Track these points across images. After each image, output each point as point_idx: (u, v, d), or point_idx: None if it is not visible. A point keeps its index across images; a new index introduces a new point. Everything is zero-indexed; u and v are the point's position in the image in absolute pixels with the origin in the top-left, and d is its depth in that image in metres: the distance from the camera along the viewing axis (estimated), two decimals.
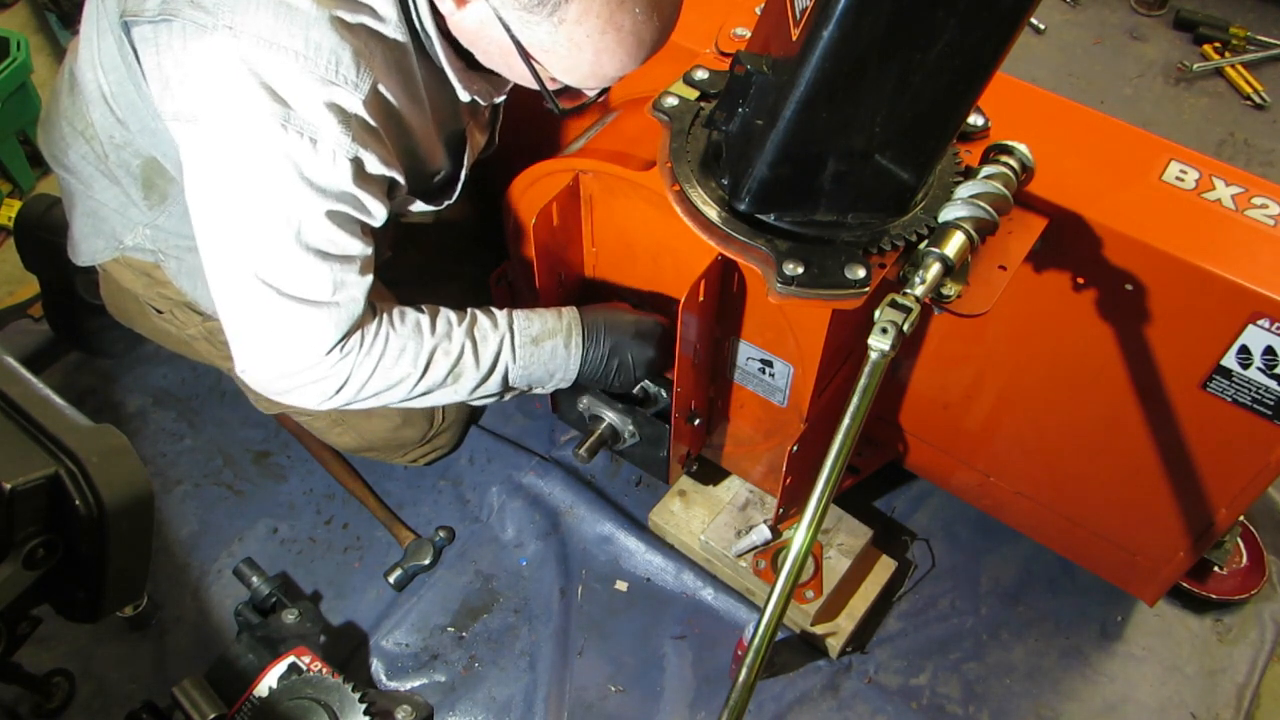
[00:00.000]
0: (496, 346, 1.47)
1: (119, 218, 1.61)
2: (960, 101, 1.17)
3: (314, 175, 1.26)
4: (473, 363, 1.45)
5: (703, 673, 1.77)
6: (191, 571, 1.88)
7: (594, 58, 1.22)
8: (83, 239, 1.67)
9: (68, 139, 1.57)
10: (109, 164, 1.54)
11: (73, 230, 1.69)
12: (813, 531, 1.14)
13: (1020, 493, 1.77)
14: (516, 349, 1.48)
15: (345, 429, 1.85)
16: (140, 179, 1.54)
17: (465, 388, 1.47)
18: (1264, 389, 1.34)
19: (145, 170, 1.52)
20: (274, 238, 1.28)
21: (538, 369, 1.51)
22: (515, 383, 1.51)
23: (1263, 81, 2.91)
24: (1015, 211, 1.35)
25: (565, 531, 1.93)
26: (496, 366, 1.47)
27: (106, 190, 1.58)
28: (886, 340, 1.16)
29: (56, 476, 1.09)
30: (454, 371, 1.44)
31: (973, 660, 1.81)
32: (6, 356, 1.21)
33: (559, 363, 1.52)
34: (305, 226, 1.28)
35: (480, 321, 1.47)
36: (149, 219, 1.59)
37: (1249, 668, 1.80)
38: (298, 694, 1.54)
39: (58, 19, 2.66)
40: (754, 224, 1.29)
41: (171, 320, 1.75)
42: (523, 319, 1.50)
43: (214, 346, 1.76)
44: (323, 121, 1.23)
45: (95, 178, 1.58)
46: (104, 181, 1.58)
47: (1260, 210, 1.34)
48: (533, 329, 1.49)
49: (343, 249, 1.32)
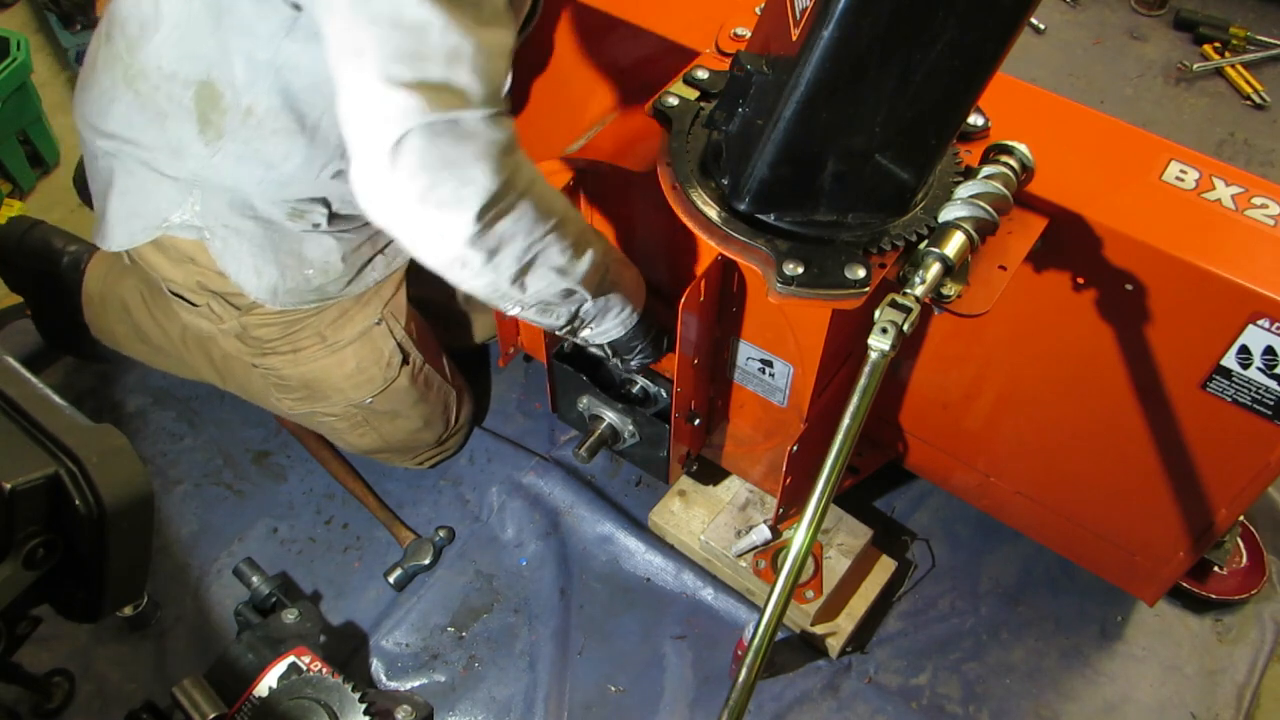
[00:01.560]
0: (603, 245, 1.38)
1: (162, 186, 1.51)
2: (960, 101, 1.17)
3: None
4: (585, 248, 1.34)
5: (703, 673, 1.77)
6: (191, 571, 1.88)
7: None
8: (119, 222, 1.57)
9: (109, 94, 1.49)
10: (159, 102, 1.44)
11: (108, 213, 1.59)
12: (813, 531, 1.14)
13: (1020, 493, 1.77)
14: (612, 260, 1.40)
15: (367, 431, 1.84)
16: (195, 112, 1.44)
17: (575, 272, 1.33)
18: (1264, 389, 1.34)
19: (198, 100, 1.43)
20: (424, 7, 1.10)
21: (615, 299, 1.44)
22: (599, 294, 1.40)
23: (1263, 81, 2.91)
24: (1015, 211, 1.35)
25: (565, 531, 1.93)
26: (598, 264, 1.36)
27: (158, 138, 1.47)
28: (886, 340, 1.16)
29: (56, 476, 1.09)
30: (576, 244, 1.31)
31: (973, 660, 1.81)
32: (6, 356, 1.21)
33: (634, 294, 1.46)
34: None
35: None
36: (201, 164, 1.47)
37: (1249, 668, 1.80)
38: (298, 694, 1.54)
39: (58, 19, 2.66)
40: (754, 224, 1.29)
41: (208, 314, 1.67)
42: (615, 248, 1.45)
43: (245, 344, 1.71)
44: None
45: (144, 128, 1.48)
46: (154, 130, 1.47)
47: (1260, 210, 1.34)
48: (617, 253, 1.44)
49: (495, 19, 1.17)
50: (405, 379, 1.79)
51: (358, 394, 1.76)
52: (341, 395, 1.76)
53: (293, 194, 1.52)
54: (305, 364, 1.71)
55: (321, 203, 1.54)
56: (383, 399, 1.78)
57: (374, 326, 1.73)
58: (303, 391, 1.77)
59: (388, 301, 1.74)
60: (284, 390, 1.79)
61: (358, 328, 1.71)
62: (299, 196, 1.52)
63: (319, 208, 1.54)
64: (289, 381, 1.76)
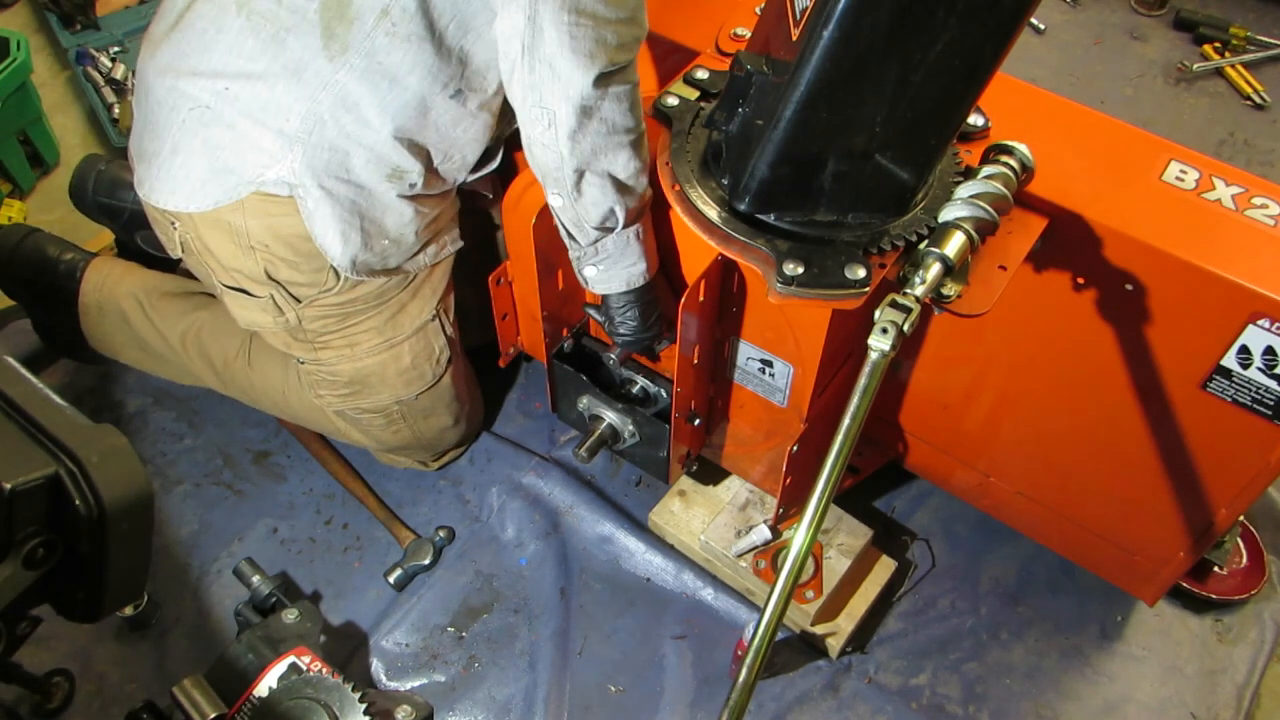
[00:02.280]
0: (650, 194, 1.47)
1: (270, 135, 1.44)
2: (960, 101, 1.17)
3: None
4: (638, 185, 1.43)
5: (703, 673, 1.77)
6: (191, 571, 1.88)
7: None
8: (206, 180, 1.49)
9: (213, 29, 1.44)
10: (280, 18, 1.40)
11: (191, 172, 1.49)
12: (813, 531, 1.14)
13: (1020, 493, 1.77)
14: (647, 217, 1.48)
15: (403, 426, 1.83)
16: (320, 24, 1.40)
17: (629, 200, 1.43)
18: (1264, 389, 1.34)
19: (324, 10, 1.39)
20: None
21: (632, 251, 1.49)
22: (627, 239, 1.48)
23: (1263, 81, 2.91)
24: (1015, 211, 1.35)
25: (565, 531, 1.93)
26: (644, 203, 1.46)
27: (273, 62, 1.42)
28: (886, 340, 1.16)
29: (56, 476, 1.09)
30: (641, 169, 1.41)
31: (973, 660, 1.81)
32: (6, 356, 1.22)
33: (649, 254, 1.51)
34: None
35: None
36: (326, 75, 1.41)
37: (1249, 668, 1.80)
38: (298, 694, 1.54)
39: (58, 19, 2.65)
40: (754, 224, 1.29)
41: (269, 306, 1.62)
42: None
43: (295, 339, 1.67)
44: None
45: (257, 56, 1.42)
46: (269, 53, 1.41)
47: (1260, 210, 1.35)
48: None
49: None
50: (450, 377, 1.80)
51: (408, 390, 1.76)
52: (391, 391, 1.75)
53: (402, 137, 1.47)
54: (361, 358, 1.70)
55: (423, 157, 1.50)
56: (427, 395, 1.79)
57: (429, 322, 1.72)
58: (352, 386, 1.75)
59: (441, 297, 1.73)
60: (329, 385, 1.76)
61: (415, 323, 1.70)
62: (407, 138, 1.48)
63: (417, 166, 1.50)
64: (340, 376, 1.73)
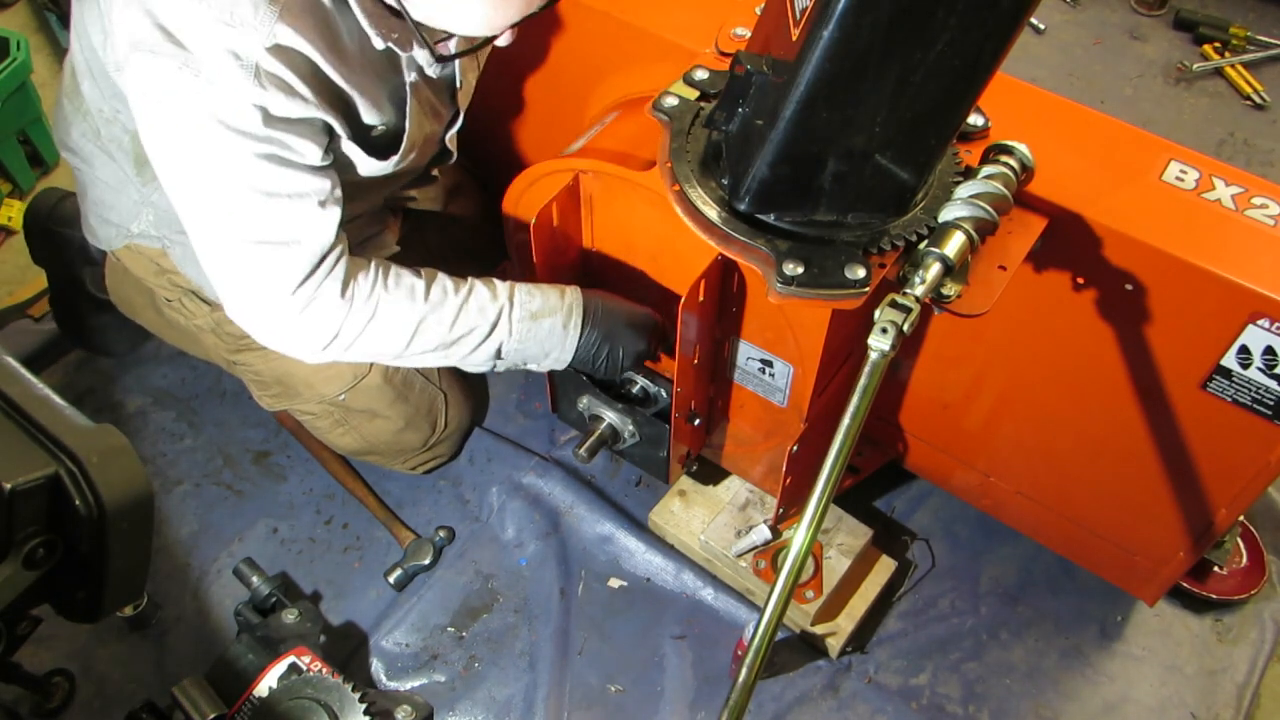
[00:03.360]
0: (494, 317, 1.46)
1: (121, 199, 1.61)
2: (960, 101, 1.17)
3: (227, 118, 1.26)
4: (466, 332, 1.45)
5: (703, 673, 1.77)
6: (191, 571, 1.88)
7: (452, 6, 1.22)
8: (98, 225, 1.68)
9: (70, 118, 1.58)
10: (103, 140, 1.55)
11: (86, 218, 1.71)
12: (813, 531, 1.14)
13: (1020, 493, 1.77)
14: (515, 323, 1.47)
15: (347, 430, 1.85)
16: (132, 154, 1.54)
17: (459, 353, 1.47)
18: (1264, 389, 1.34)
19: (135, 145, 1.52)
20: (215, 181, 1.30)
21: (533, 346, 1.50)
22: (509, 356, 1.50)
23: (1263, 81, 2.91)
24: (1015, 211, 1.35)
25: (565, 531, 1.93)
26: (492, 337, 1.47)
27: (105, 167, 1.59)
28: (886, 340, 1.16)
29: (56, 476, 1.09)
30: (446, 339, 1.45)
31: (973, 660, 1.81)
32: (6, 356, 1.21)
33: (555, 341, 1.50)
34: (238, 168, 1.29)
35: (478, 292, 1.46)
36: (144, 196, 1.59)
37: (1249, 668, 1.80)
38: (298, 694, 1.54)
39: (58, 19, 2.66)
40: (754, 224, 1.29)
41: (181, 310, 1.75)
42: (524, 293, 1.48)
43: (220, 340, 1.76)
44: (221, 65, 1.23)
45: (95, 155, 1.59)
46: (102, 158, 1.58)
47: (1260, 210, 1.34)
48: (534, 304, 1.48)
49: (288, 188, 1.32)
50: (378, 376, 1.78)
51: (328, 389, 1.77)
52: (313, 390, 1.77)
53: None
54: (275, 359, 1.73)
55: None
56: (355, 396, 1.78)
57: None
58: (277, 388, 1.80)
59: None
60: (261, 386, 1.82)
61: None
62: None
63: None
64: (263, 377, 1.79)
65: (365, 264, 1.42)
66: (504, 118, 1.96)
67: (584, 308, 1.51)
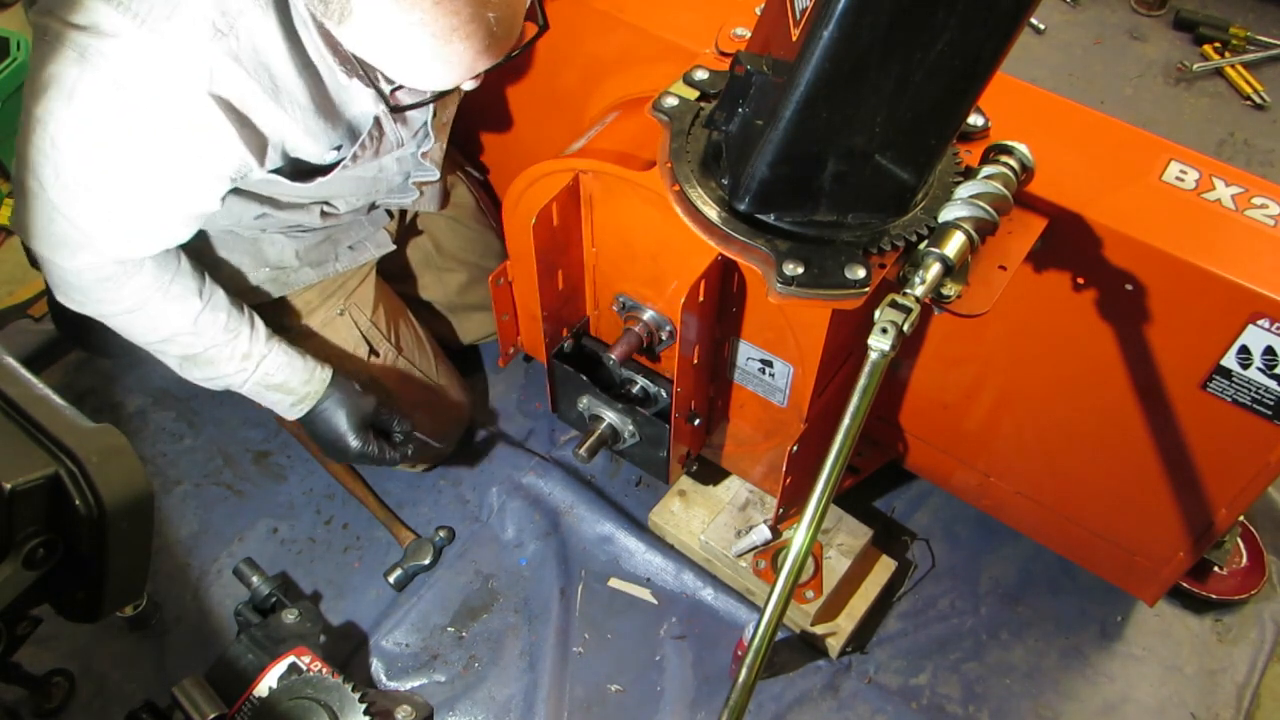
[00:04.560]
0: (234, 369, 1.60)
1: None
2: (960, 101, 1.17)
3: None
4: (206, 364, 1.61)
5: (703, 673, 1.77)
6: (191, 571, 1.88)
7: (399, 66, 1.22)
8: None
9: None
10: None
11: None
12: (813, 531, 1.14)
13: (1020, 493, 1.77)
14: (250, 384, 1.63)
15: None
16: None
17: (191, 374, 1.64)
18: (1264, 389, 1.34)
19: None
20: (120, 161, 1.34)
21: (261, 399, 1.67)
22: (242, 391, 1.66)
23: (1263, 81, 2.91)
24: (1015, 211, 1.35)
25: (565, 531, 1.93)
26: (222, 379, 1.63)
27: None
28: (886, 340, 1.16)
29: (56, 476, 1.09)
30: (187, 358, 1.60)
31: (973, 660, 1.81)
32: (6, 356, 1.21)
33: (282, 408, 1.68)
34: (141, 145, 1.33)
35: (239, 342, 1.59)
36: None
37: (1249, 668, 1.80)
38: (298, 694, 1.54)
39: None
40: (754, 224, 1.29)
41: None
42: (273, 363, 1.62)
43: None
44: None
45: None
46: None
47: (1260, 210, 1.34)
48: (275, 378, 1.64)
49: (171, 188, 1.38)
50: (374, 371, 1.81)
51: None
52: None
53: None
54: None
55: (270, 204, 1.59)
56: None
57: (336, 317, 1.78)
58: None
59: (352, 293, 1.79)
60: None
61: (320, 319, 1.78)
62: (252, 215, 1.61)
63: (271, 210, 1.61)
64: None
65: (166, 257, 1.49)
66: (504, 117, 1.96)
67: (319, 399, 1.67)
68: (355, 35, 1.19)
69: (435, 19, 1.14)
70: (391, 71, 1.24)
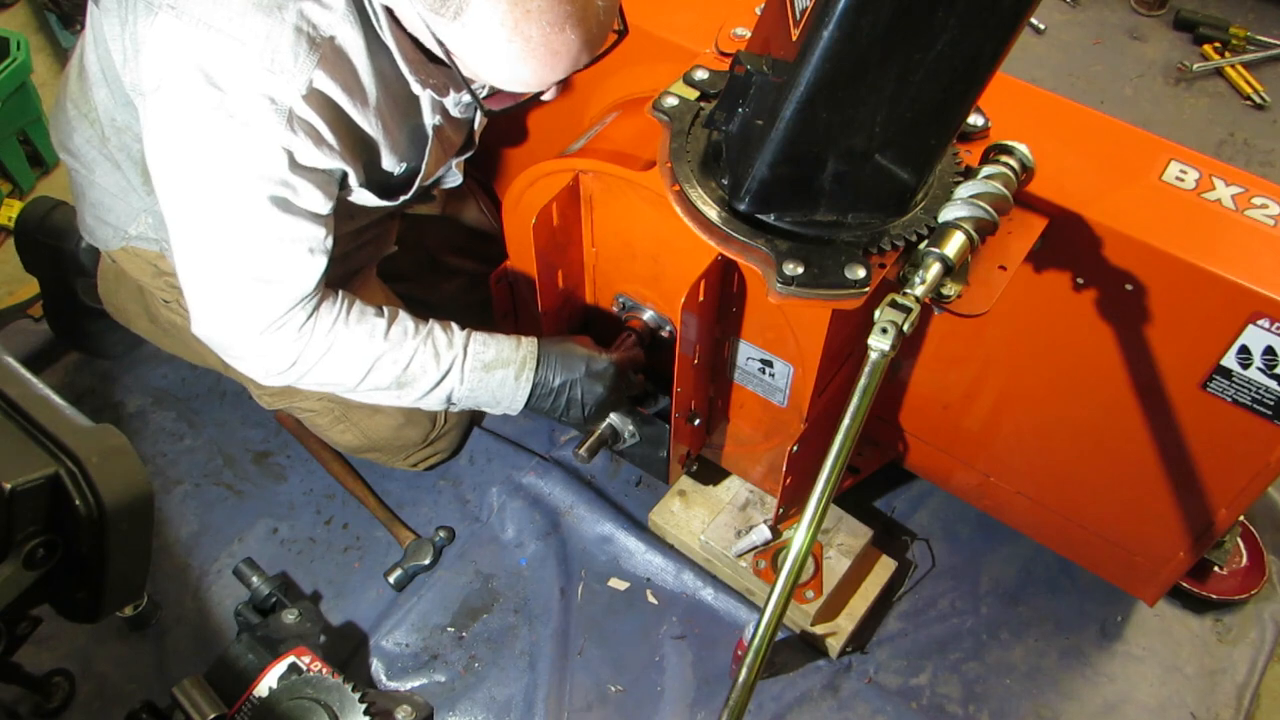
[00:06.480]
0: (448, 365, 1.49)
1: (121, 204, 1.62)
2: (960, 101, 1.17)
3: (250, 160, 1.28)
4: (419, 375, 1.48)
5: (703, 673, 1.77)
6: (191, 571, 1.88)
7: (505, 64, 1.24)
8: (95, 226, 1.69)
9: (73, 123, 1.58)
10: (110, 147, 1.55)
11: (83, 217, 1.72)
12: (813, 531, 1.14)
13: (1020, 493, 1.77)
14: (466, 372, 1.51)
15: (348, 426, 1.85)
16: (139, 163, 1.55)
17: (410, 396, 1.50)
18: (1264, 389, 1.34)
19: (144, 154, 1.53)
20: (219, 217, 1.33)
21: (484, 394, 1.53)
22: (459, 401, 1.54)
23: (1263, 81, 2.91)
24: (1015, 211, 1.35)
25: (565, 531, 1.93)
26: (443, 383, 1.50)
27: (108, 175, 1.60)
28: (886, 340, 1.16)
29: (56, 476, 1.09)
30: (399, 379, 1.48)
31: (973, 660, 1.81)
32: (6, 356, 1.21)
33: (506, 392, 1.54)
34: (246, 208, 1.31)
35: (436, 336, 1.50)
36: (147, 204, 1.60)
37: (1249, 668, 1.80)
38: (298, 694, 1.54)
39: (58, 19, 2.66)
40: (754, 224, 1.29)
41: (178, 311, 1.75)
42: (479, 343, 1.52)
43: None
44: (255, 110, 1.26)
45: (98, 162, 1.59)
46: (106, 166, 1.59)
47: (1260, 210, 1.34)
48: (487, 354, 1.52)
49: (287, 233, 1.35)
50: None
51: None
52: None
53: None
54: None
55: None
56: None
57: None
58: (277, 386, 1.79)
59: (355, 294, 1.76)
60: (260, 386, 1.80)
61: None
62: None
63: None
64: None
65: (332, 295, 1.44)
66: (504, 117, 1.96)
67: (538, 360, 1.54)
68: (466, 32, 1.21)
69: (551, 6, 1.18)
70: (494, 70, 1.25)
